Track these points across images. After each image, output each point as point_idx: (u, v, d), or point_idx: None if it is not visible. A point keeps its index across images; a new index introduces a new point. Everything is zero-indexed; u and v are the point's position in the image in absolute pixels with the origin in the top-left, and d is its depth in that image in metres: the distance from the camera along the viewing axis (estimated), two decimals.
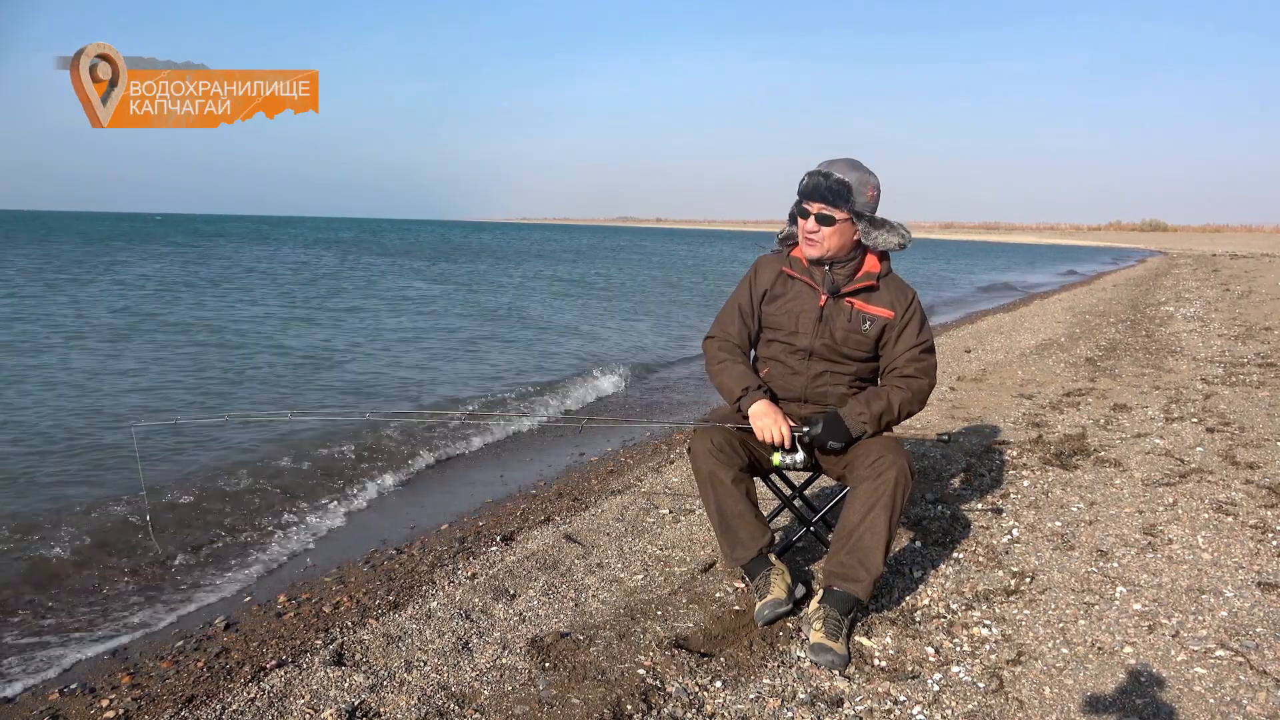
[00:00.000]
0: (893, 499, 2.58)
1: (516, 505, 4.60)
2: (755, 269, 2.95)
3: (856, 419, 2.72)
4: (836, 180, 2.66)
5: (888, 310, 2.79)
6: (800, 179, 2.75)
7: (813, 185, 2.69)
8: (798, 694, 2.36)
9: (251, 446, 5.85)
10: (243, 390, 8.07)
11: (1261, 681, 2.37)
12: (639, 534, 3.73)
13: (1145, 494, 3.98)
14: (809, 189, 2.70)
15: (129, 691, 2.64)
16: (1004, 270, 35.61)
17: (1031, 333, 10.96)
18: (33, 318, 12.35)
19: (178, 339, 10.85)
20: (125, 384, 7.97)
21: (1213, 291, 15.91)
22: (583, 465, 5.55)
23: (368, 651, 2.67)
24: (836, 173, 2.67)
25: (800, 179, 2.75)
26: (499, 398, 8.10)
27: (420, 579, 3.46)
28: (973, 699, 2.33)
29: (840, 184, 2.66)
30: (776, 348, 2.88)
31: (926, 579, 3.13)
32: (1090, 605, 2.86)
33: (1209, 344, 8.91)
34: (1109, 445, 4.86)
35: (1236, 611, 2.78)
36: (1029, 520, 3.69)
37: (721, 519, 2.76)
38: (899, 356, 2.80)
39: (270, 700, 2.39)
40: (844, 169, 2.69)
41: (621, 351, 11.41)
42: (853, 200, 2.68)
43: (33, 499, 4.72)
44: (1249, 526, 3.51)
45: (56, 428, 6.21)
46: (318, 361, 9.73)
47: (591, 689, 2.38)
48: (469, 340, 11.82)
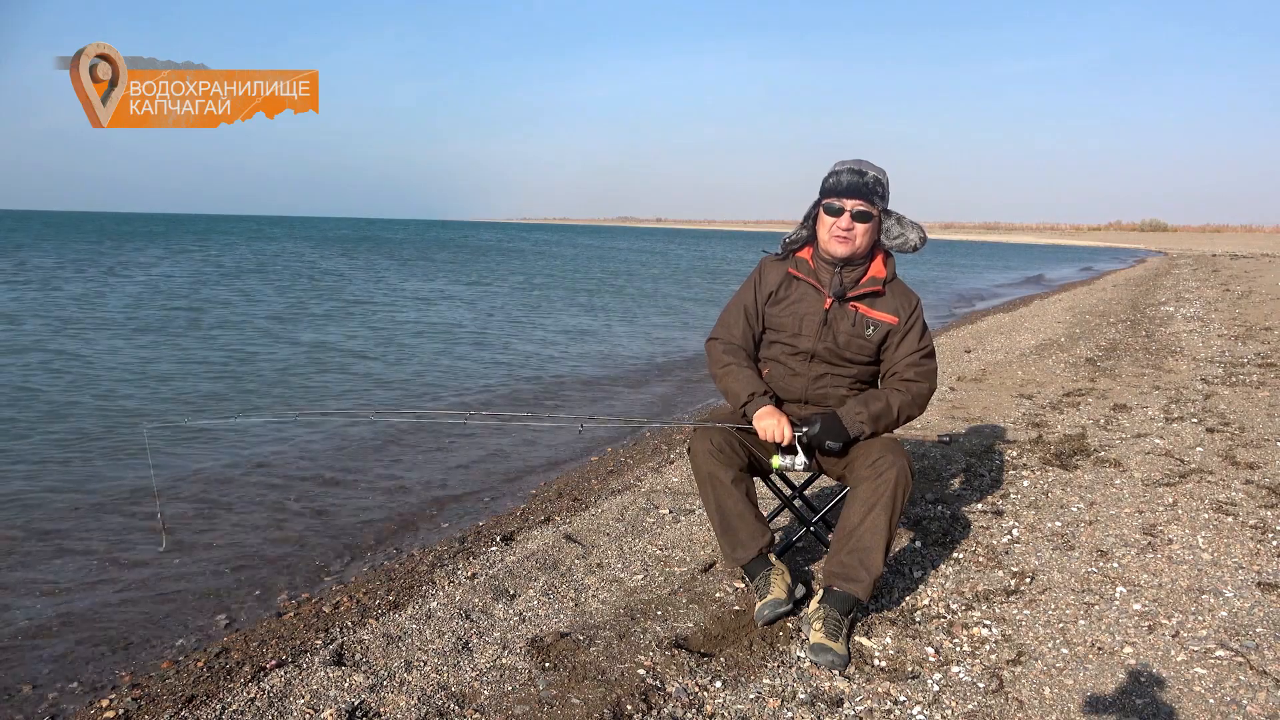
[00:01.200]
0: (893, 499, 2.58)
1: (516, 505, 4.60)
2: (760, 270, 2.94)
3: (855, 420, 2.72)
4: (873, 177, 2.68)
5: (892, 316, 2.79)
6: (825, 178, 2.74)
7: (851, 183, 2.68)
8: (798, 694, 2.36)
9: (255, 444, 5.87)
10: (258, 386, 8.12)
11: (1261, 681, 2.37)
12: (639, 534, 3.73)
13: (1145, 494, 3.98)
14: (848, 186, 2.68)
15: (129, 691, 2.64)
16: (1022, 269, 36.01)
17: (1031, 333, 10.96)
18: (79, 308, 12.43)
19: (185, 337, 10.88)
20: (135, 378, 7.99)
21: (1213, 291, 15.91)
22: (583, 465, 5.55)
23: (368, 651, 2.67)
24: (870, 170, 2.69)
25: (825, 178, 2.74)
26: (500, 397, 8.11)
27: (420, 579, 3.46)
28: (973, 699, 2.33)
29: (876, 181, 2.69)
30: (778, 349, 2.88)
31: (926, 579, 3.13)
32: (1090, 605, 2.86)
33: (1209, 344, 8.91)
34: (1109, 445, 4.86)
35: (1236, 611, 2.78)
36: (1029, 520, 3.69)
37: (721, 519, 2.76)
38: (900, 361, 2.80)
39: (270, 700, 2.39)
40: (871, 167, 2.71)
41: (626, 351, 11.42)
42: (886, 197, 2.72)
43: (39, 491, 4.74)
44: (1249, 526, 3.51)
45: (79, 419, 6.35)
46: (328, 358, 9.83)
47: (591, 689, 2.38)
48: (470, 341, 11.82)
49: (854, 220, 2.69)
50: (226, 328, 12.09)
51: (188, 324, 12.31)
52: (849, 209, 2.68)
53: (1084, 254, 57.89)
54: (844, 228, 2.70)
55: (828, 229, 2.74)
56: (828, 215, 2.73)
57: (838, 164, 2.74)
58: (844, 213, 2.69)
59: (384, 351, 10.54)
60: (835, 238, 2.73)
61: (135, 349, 9.90)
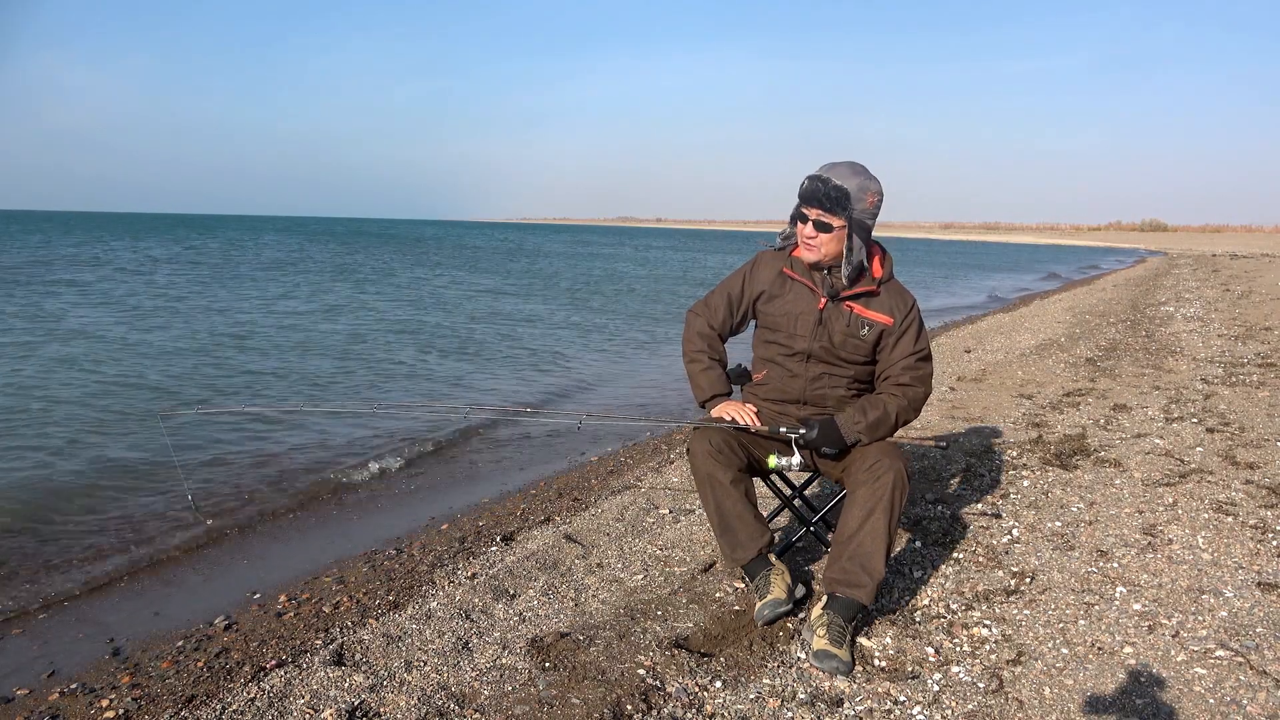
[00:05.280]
0: (891, 502, 2.58)
1: (516, 505, 4.60)
2: (754, 263, 2.92)
3: (852, 427, 2.72)
4: (835, 186, 2.60)
5: (887, 316, 2.77)
6: (801, 182, 2.71)
7: (811, 190, 2.64)
8: (798, 694, 2.36)
9: (257, 441, 5.87)
10: (267, 380, 8.14)
11: (1261, 681, 2.37)
12: (639, 534, 3.73)
13: (1145, 494, 3.98)
14: (808, 194, 2.65)
15: (129, 691, 2.64)
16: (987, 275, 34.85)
17: (1031, 333, 10.96)
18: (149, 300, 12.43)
19: (195, 329, 10.89)
20: (151, 367, 8.01)
21: (1213, 291, 15.91)
22: (583, 465, 5.55)
23: (368, 651, 2.66)
24: (836, 178, 2.61)
25: (801, 182, 2.71)
26: (502, 395, 8.11)
27: (420, 579, 3.46)
28: (973, 699, 2.33)
29: (839, 190, 2.60)
30: (774, 349, 2.87)
31: (926, 579, 3.13)
32: (1090, 605, 2.86)
33: (1209, 344, 8.91)
34: (1109, 445, 4.86)
35: (1236, 611, 2.78)
36: (1029, 520, 3.69)
37: (721, 519, 2.76)
38: (895, 364, 2.78)
39: (270, 700, 2.39)
40: (845, 174, 2.63)
41: (627, 350, 11.42)
42: (851, 207, 2.62)
43: (43, 482, 4.74)
44: (1249, 526, 3.51)
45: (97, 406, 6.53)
46: (338, 353, 9.92)
47: (591, 689, 2.38)
48: (474, 341, 11.82)
49: (816, 230, 2.67)
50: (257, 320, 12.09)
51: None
52: (811, 218, 2.67)
53: (1085, 254, 57.81)
54: (808, 236, 2.71)
55: (799, 235, 2.76)
56: (798, 221, 2.75)
57: (820, 167, 2.68)
58: (808, 221, 2.69)
59: (389, 349, 10.55)
60: (802, 244, 2.75)
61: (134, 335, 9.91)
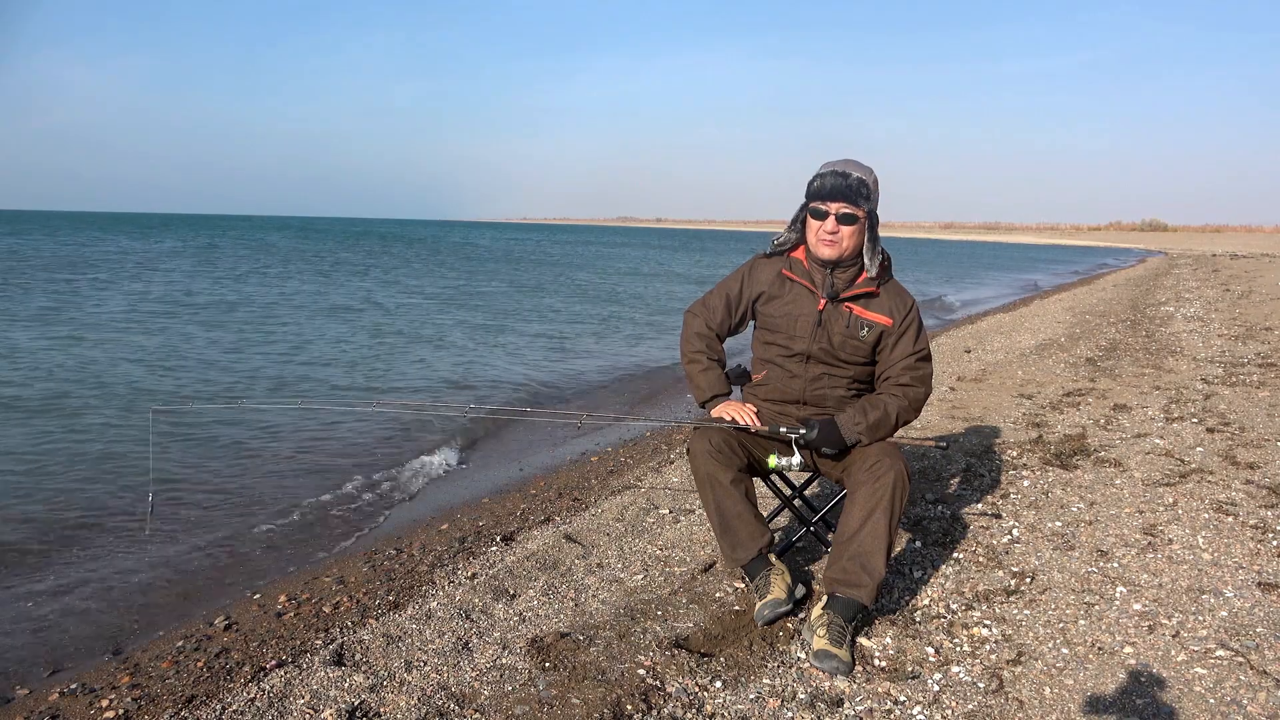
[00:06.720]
0: (892, 502, 2.58)
1: (516, 505, 4.60)
2: (751, 266, 2.93)
3: (852, 428, 2.72)
4: (857, 179, 2.65)
5: (886, 317, 2.78)
6: (810, 181, 2.71)
7: (834, 185, 2.65)
8: (798, 694, 2.36)
9: (258, 439, 5.87)
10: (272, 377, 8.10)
11: (1261, 681, 2.36)
12: (639, 534, 3.73)
13: (1145, 494, 3.98)
14: (831, 189, 2.65)
15: (129, 691, 2.64)
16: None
17: (1031, 333, 10.96)
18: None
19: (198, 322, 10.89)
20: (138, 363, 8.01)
21: (1213, 291, 15.92)
22: (583, 465, 5.55)
23: (368, 651, 2.66)
24: (854, 172, 2.66)
25: (810, 181, 2.71)
26: (501, 396, 8.11)
27: (420, 579, 3.46)
28: (973, 699, 2.33)
29: (861, 183, 2.65)
30: (774, 351, 2.87)
31: (927, 579, 3.13)
32: (1090, 605, 2.86)
33: (1209, 344, 8.91)
34: (1109, 445, 4.86)
35: (1236, 611, 2.78)
36: (1029, 520, 3.69)
37: (721, 519, 2.76)
38: (895, 364, 2.79)
39: (270, 700, 2.39)
40: (856, 168, 2.67)
41: (627, 350, 11.42)
42: (872, 199, 2.68)
43: (43, 480, 4.75)
44: (1249, 526, 3.51)
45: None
46: (341, 353, 9.91)
47: (591, 689, 2.38)
48: (474, 341, 11.82)
49: (839, 223, 2.67)
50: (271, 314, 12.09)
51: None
52: (834, 212, 2.67)
53: (1088, 254, 57.82)
54: (829, 231, 2.69)
55: (815, 233, 2.73)
56: (814, 219, 2.72)
57: (824, 165, 2.71)
58: (829, 216, 2.68)
59: (393, 347, 10.55)
60: (822, 241, 2.72)
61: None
